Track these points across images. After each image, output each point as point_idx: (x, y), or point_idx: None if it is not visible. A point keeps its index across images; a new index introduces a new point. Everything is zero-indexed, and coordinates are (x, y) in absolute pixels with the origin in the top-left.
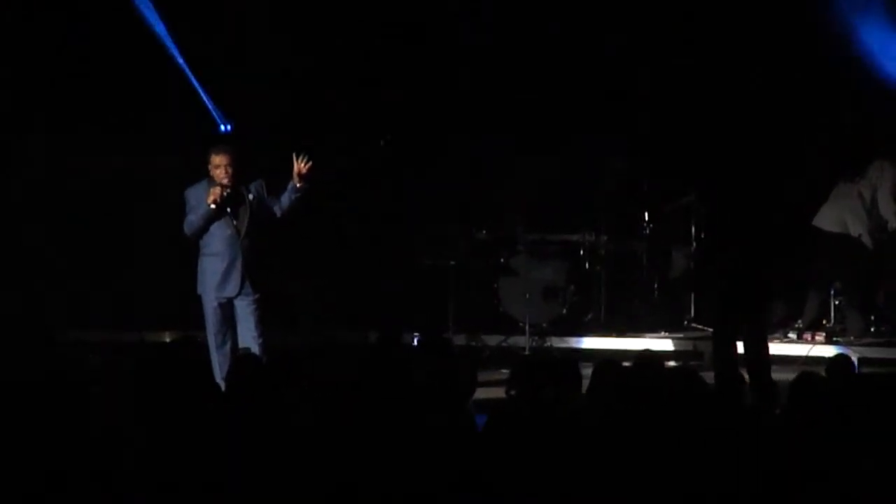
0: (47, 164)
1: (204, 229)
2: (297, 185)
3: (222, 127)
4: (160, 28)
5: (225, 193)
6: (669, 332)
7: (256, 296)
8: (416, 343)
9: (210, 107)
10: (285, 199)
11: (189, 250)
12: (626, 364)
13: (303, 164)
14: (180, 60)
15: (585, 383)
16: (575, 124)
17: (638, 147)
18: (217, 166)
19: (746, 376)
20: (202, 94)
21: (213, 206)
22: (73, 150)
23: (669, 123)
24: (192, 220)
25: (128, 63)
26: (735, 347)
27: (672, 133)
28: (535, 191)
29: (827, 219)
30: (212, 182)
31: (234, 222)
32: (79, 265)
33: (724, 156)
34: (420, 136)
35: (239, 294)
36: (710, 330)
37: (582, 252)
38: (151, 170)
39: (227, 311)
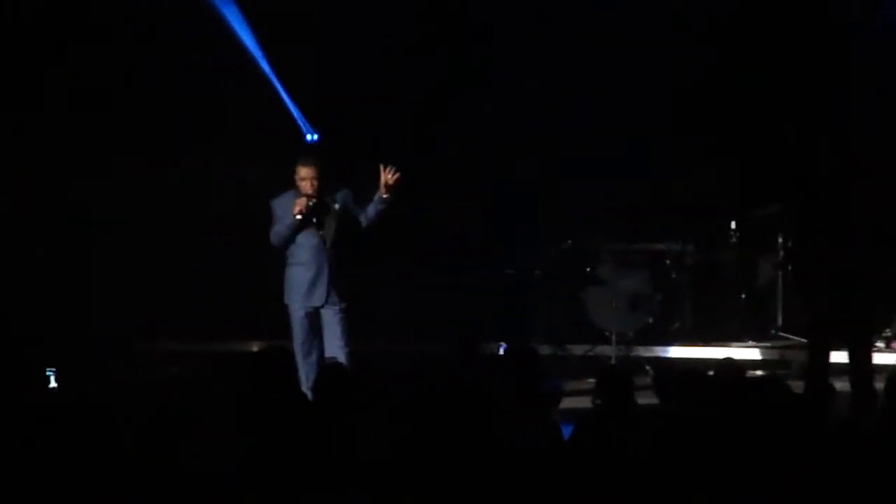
0: (136, 175)
1: (290, 239)
2: (384, 196)
3: (309, 136)
4: (248, 38)
5: (311, 204)
6: (756, 340)
7: (343, 305)
8: (501, 352)
9: (297, 116)
10: (371, 209)
11: (275, 260)
12: (709, 373)
13: (390, 176)
14: (267, 70)
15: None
16: (656, 135)
17: (726, 155)
18: (303, 178)
19: (837, 386)
20: (289, 104)
21: (298, 216)
22: (161, 159)
23: (760, 129)
24: (279, 230)
25: (215, 73)
26: (829, 357)
27: (763, 139)
28: (621, 200)
29: None
30: (298, 192)
31: (321, 232)
32: (166, 274)
33: (823, 161)
34: (505, 144)
35: (325, 303)
36: (798, 339)
37: (668, 261)
38: (239, 179)
39: (314, 320)
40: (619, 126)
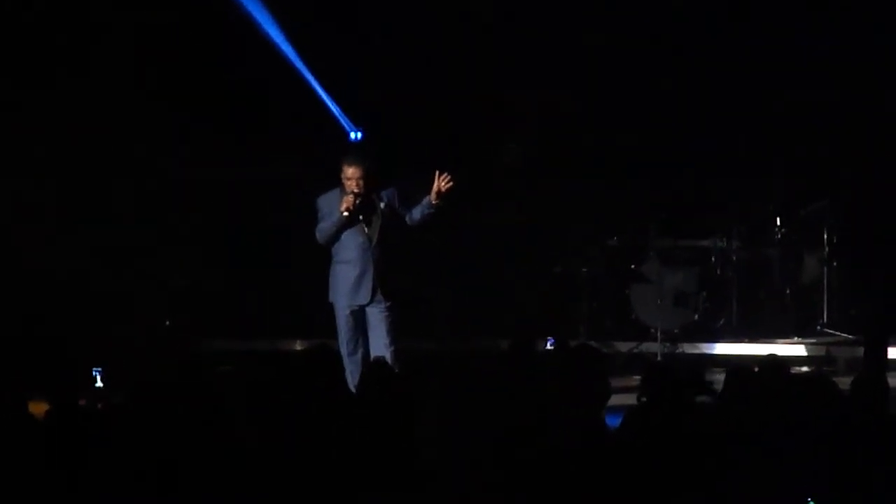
0: (181, 175)
1: (336, 237)
2: (433, 201)
3: (352, 134)
4: (285, 42)
5: (357, 202)
6: (802, 337)
7: (388, 303)
8: (549, 346)
9: (339, 115)
10: (417, 212)
11: (318, 258)
12: (755, 369)
13: (443, 183)
14: (307, 70)
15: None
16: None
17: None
18: (349, 178)
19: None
20: (330, 103)
21: (345, 213)
22: (207, 159)
23: (812, 131)
24: (325, 227)
25: (257, 72)
26: (886, 353)
27: (815, 140)
28: (667, 197)
29: None
30: (343, 191)
31: (366, 230)
32: (212, 273)
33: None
34: (552, 142)
35: (371, 302)
36: (844, 335)
37: (713, 258)
38: (283, 179)
39: (359, 318)
40: (665, 123)
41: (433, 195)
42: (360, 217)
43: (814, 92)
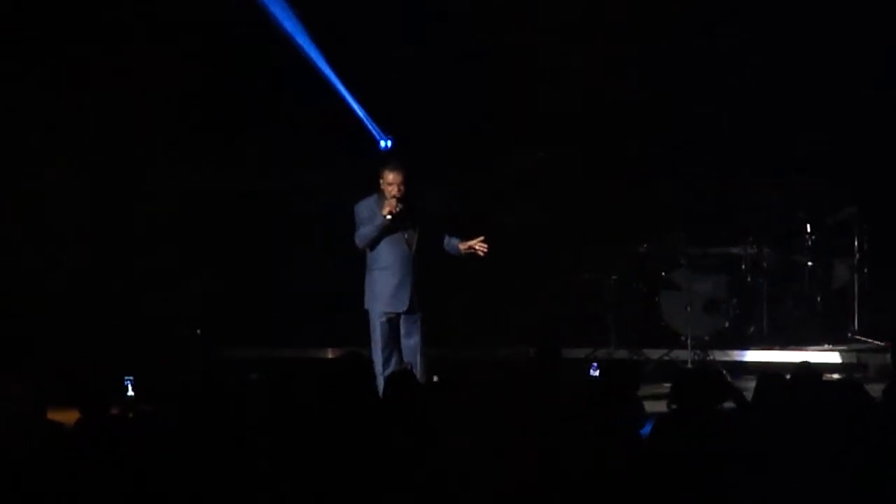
0: (210, 183)
1: (377, 241)
2: (461, 251)
3: (382, 143)
4: (315, 51)
5: (399, 207)
6: (832, 344)
7: (422, 313)
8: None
9: (368, 123)
10: (447, 244)
11: (349, 267)
12: (787, 377)
13: (478, 247)
14: (336, 79)
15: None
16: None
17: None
18: (390, 183)
19: None
20: (359, 112)
21: (388, 216)
22: (236, 169)
23: (842, 137)
24: (365, 232)
25: (288, 82)
26: None
27: (845, 146)
28: (697, 203)
29: None
30: (381, 196)
31: (405, 236)
32: (244, 282)
33: None
34: (579, 149)
35: (407, 310)
36: (876, 342)
37: (743, 265)
38: (313, 187)
39: (394, 325)
40: (695, 129)
41: (464, 246)
42: (402, 222)
43: (844, 97)
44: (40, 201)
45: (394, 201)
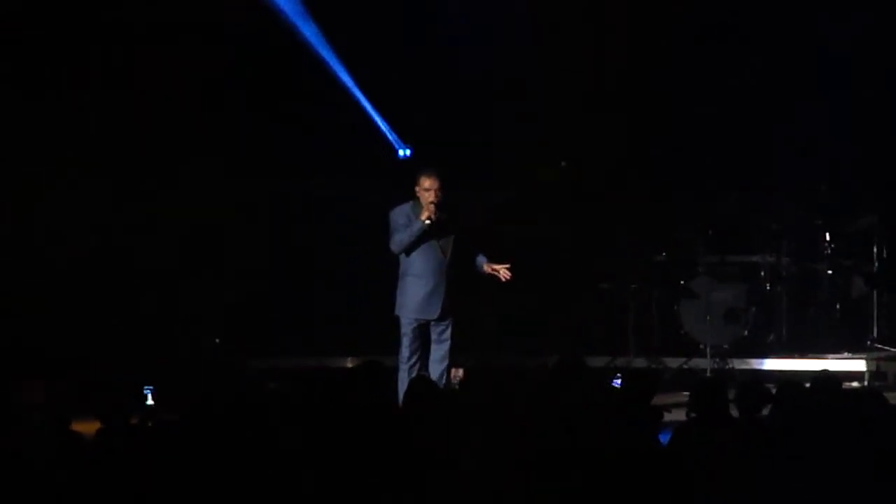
0: (229, 193)
1: (413, 246)
2: (486, 271)
3: (401, 152)
4: (335, 60)
5: (438, 213)
6: (852, 352)
7: (453, 321)
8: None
9: (387, 132)
10: (477, 260)
11: (372, 276)
12: (806, 385)
13: (502, 273)
14: (356, 88)
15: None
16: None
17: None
18: (427, 189)
19: None
20: (379, 121)
21: (427, 221)
22: (254, 178)
23: (860, 145)
24: (402, 237)
25: (308, 91)
26: None
27: (864, 155)
28: (716, 212)
29: None
30: (418, 203)
31: (440, 244)
32: (259, 293)
33: None
34: (600, 158)
35: (438, 318)
36: (895, 350)
37: (763, 273)
38: (333, 196)
39: (424, 333)
40: (714, 138)
41: (489, 268)
42: (438, 229)
43: (865, 105)
44: (60, 206)
45: (432, 207)
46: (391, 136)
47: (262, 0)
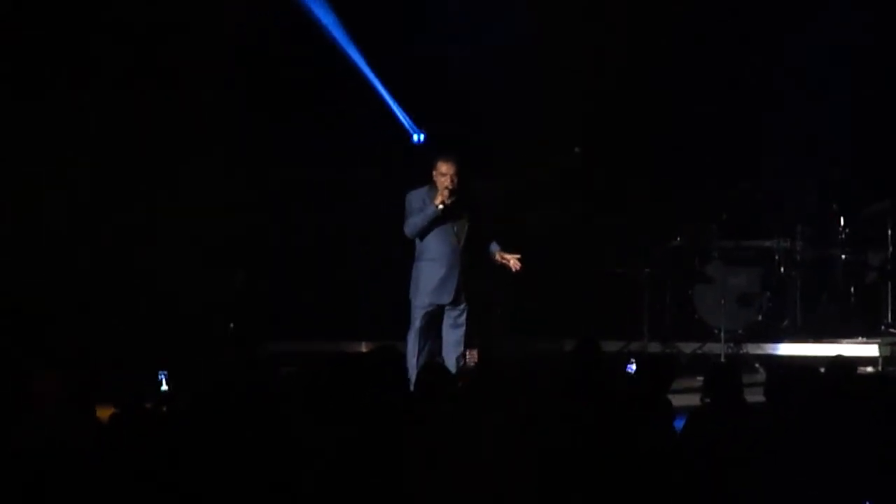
0: (244, 177)
1: (426, 231)
2: (497, 260)
3: (415, 137)
4: (350, 44)
5: (451, 199)
6: (867, 337)
7: (467, 306)
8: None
9: (402, 117)
10: (488, 247)
11: (385, 261)
12: (821, 370)
13: (513, 264)
14: (371, 73)
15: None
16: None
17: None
18: (444, 174)
19: None
20: (393, 106)
21: (441, 206)
22: (269, 163)
23: (874, 130)
24: (416, 221)
25: (322, 75)
26: None
27: (877, 140)
28: (730, 197)
29: None
30: (433, 187)
31: (455, 229)
32: (274, 277)
33: None
34: (614, 143)
35: (451, 302)
36: None
37: (777, 258)
38: (347, 180)
39: (436, 317)
40: (728, 122)
41: (499, 257)
42: (453, 213)
43: (879, 90)
44: (74, 197)
45: (446, 192)
46: (405, 121)
47: None
